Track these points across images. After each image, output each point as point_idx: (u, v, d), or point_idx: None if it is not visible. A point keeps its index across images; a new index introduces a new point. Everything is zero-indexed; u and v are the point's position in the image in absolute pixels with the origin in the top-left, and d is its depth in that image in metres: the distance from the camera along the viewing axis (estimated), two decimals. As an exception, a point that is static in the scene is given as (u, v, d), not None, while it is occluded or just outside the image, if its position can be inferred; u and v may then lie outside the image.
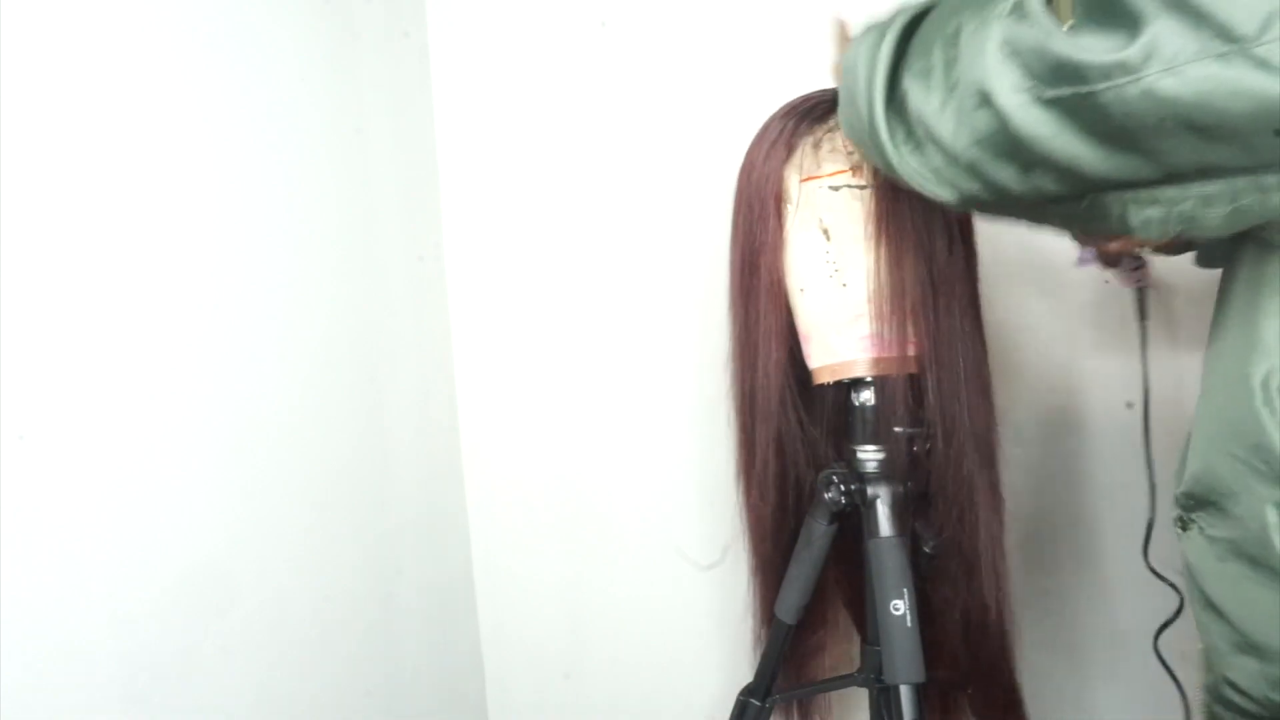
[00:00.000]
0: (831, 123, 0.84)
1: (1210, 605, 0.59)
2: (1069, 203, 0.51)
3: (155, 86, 0.73)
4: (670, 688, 1.29)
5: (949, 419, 0.83)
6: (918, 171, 0.56)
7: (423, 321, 1.20)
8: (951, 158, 0.52)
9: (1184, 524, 0.60)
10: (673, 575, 1.25)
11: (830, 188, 0.82)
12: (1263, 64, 0.40)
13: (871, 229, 0.81)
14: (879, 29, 0.58)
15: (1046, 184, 0.50)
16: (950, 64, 0.51)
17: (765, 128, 0.87)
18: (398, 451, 1.11)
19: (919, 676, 0.79)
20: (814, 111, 0.86)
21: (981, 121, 0.49)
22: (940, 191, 0.55)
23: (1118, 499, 1.19)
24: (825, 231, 0.82)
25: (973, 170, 0.52)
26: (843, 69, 0.62)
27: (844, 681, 0.97)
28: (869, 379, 0.84)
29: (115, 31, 0.69)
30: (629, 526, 1.26)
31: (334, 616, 0.96)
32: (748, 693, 0.99)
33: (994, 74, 0.48)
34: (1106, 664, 1.25)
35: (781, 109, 0.88)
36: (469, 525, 1.28)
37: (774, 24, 1.15)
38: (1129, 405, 1.17)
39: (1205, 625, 0.60)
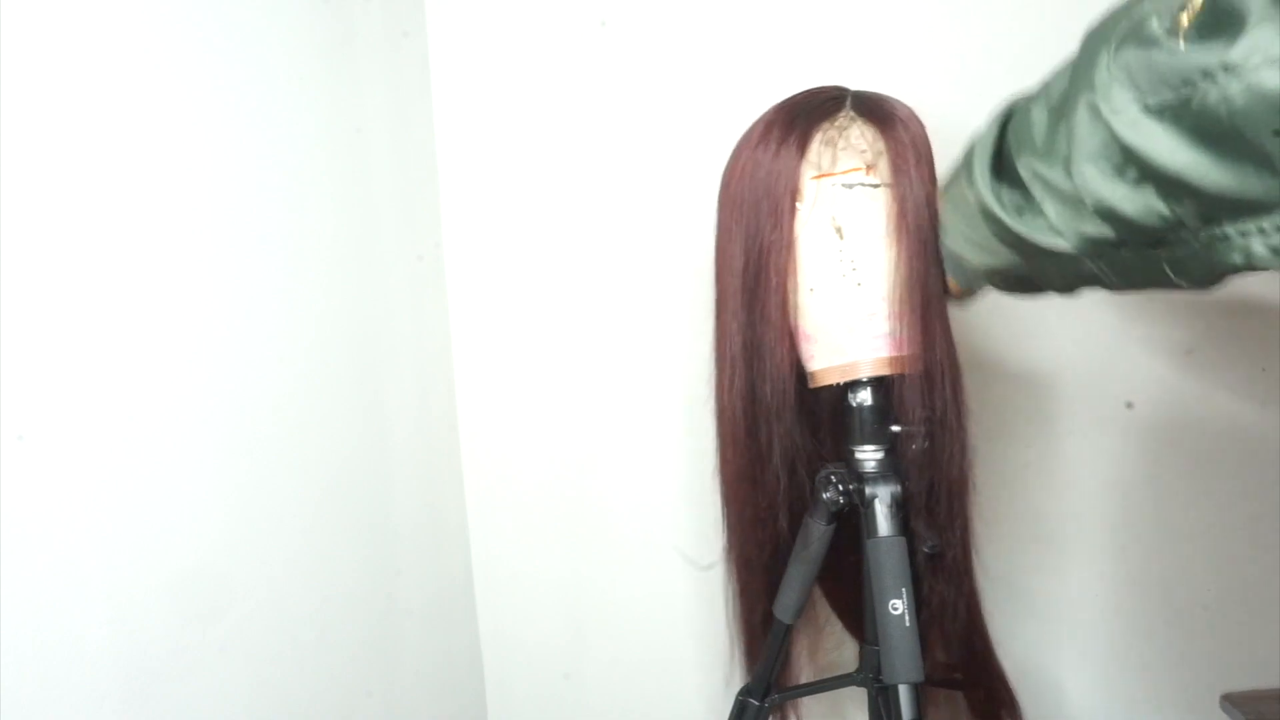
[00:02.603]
0: (841, 119, 0.84)
1: None
2: (1183, 239, 0.50)
3: (154, 86, 0.73)
4: (670, 688, 1.29)
5: (955, 416, 0.84)
6: (1032, 229, 0.57)
7: (422, 321, 1.20)
8: (1065, 195, 0.53)
9: None
10: (673, 575, 1.25)
11: (844, 185, 0.81)
12: None
13: (891, 227, 0.81)
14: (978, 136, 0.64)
15: (1159, 205, 0.49)
16: (1060, 107, 0.53)
17: (768, 125, 0.85)
18: (397, 451, 1.11)
19: (918, 676, 0.79)
20: (823, 108, 0.84)
21: (1092, 136, 0.50)
22: (1059, 241, 0.56)
23: (1109, 496, 1.20)
24: (839, 230, 0.81)
25: (1085, 199, 0.52)
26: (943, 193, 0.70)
27: (843, 681, 0.97)
28: (865, 379, 0.84)
29: (115, 31, 0.69)
30: (629, 527, 1.26)
31: (334, 617, 0.96)
32: (746, 692, 0.99)
33: (1101, 91, 0.49)
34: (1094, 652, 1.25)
35: (783, 106, 0.86)
36: (469, 525, 1.29)
37: (774, 24, 1.15)
38: (1129, 405, 1.17)
39: None
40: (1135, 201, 0.49)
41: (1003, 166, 0.60)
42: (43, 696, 0.61)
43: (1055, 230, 0.56)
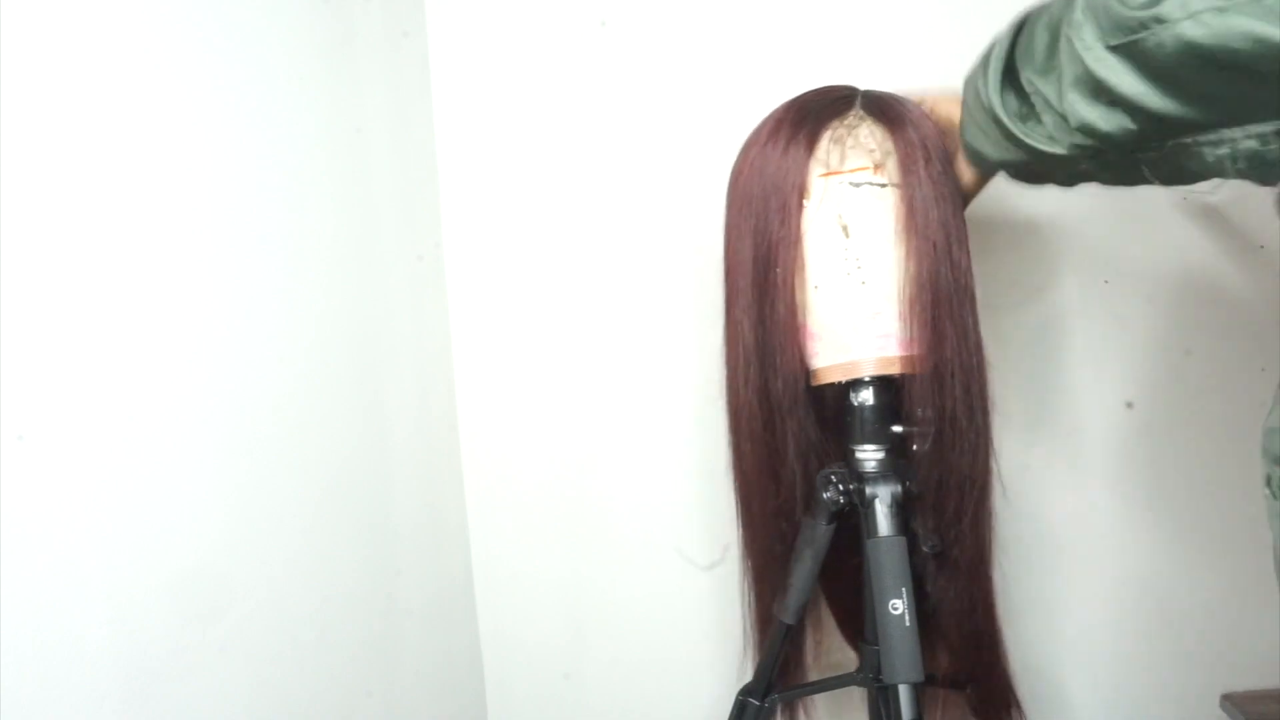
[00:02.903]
0: (850, 118, 0.84)
1: None
2: (1154, 147, 0.60)
3: (154, 86, 0.73)
4: (670, 688, 1.29)
5: (965, 416, 0.83)
6: (1032, 136, 0.66)
7: (422, 321, 1.20)
8: (1060, 114, 0.62)
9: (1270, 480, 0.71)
10: (673, 575, 1.25)
11: (851, 184, 0.81)
12: (1256, 11, 0.48)
13: (899, 227, 0.81)
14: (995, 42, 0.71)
15: (1127, 123, 0.58)
16: (1054, 30, 0.62)
17: (778, 122, 0.85)
18: (397, 451, 1.11)
19: (917, 676, 0.79)
20: (833, 106, 0.84)
21: (1072, 66, 0.59)
22: (1056, 148, 0.65)
23: (1109, 496, 1.19)
24: (844, 228, 0.81)
25: (1073, 117, 0.61)
26: (965, 86, 0.76)
27: (843, 681, 0.97)
28: (868, 378, 0.84)
29: (115, 31, 0.69)
30: (629, 526, 1.26)
31: (334, 617, 0.96)
32: (747, 692, 0.99)
33: (1077, 29, 0.58)
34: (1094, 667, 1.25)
35: (794, 103, 0.86)
36: (469, 525, 1.29)
37: (774, 23, 1.15)
38: (1129, 405, 1.17)
39: None
40: (1109, 120, 0.59)
41: (1012, 75, 0.68)
42: (43, 696, 0.61)
43: (1051, 138, 0.65)
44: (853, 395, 0.86)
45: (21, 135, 0.61)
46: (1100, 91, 0.58)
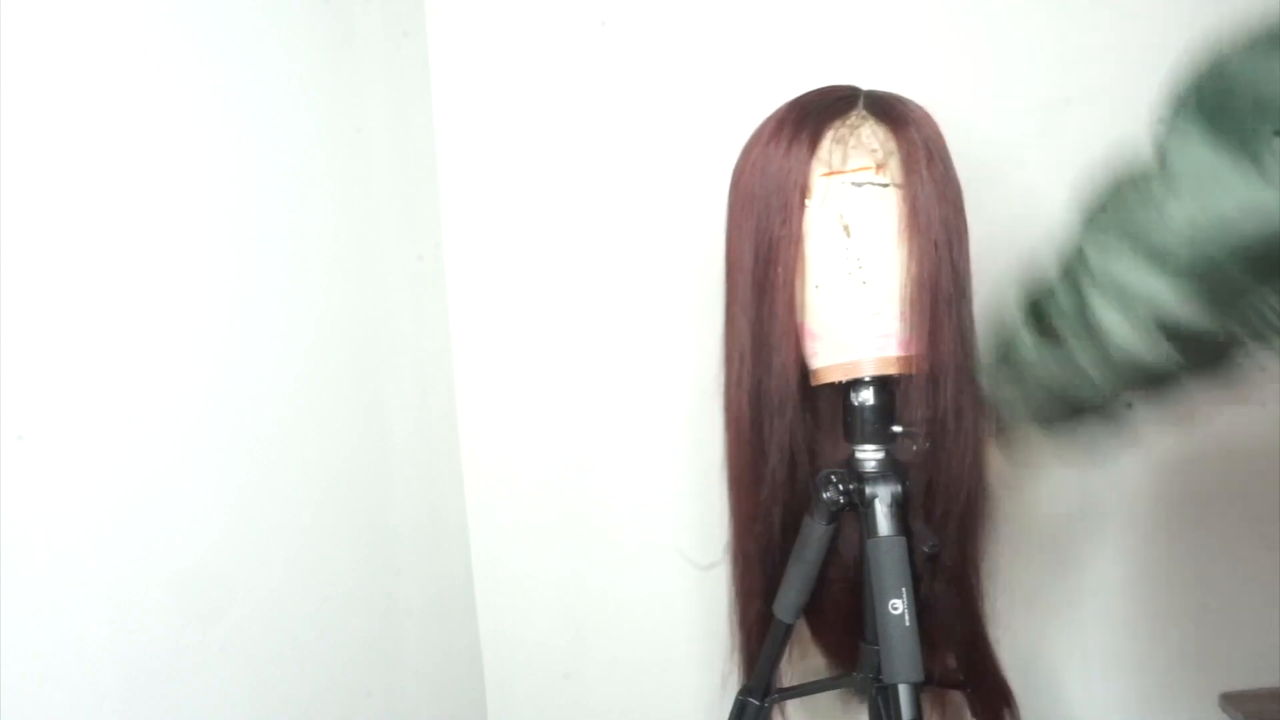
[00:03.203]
0: (852, 118, 0.84)
1: None
2: (1190, 357, 0.60)
3: (154, 86, 0.73)
4: (670, 688, 1.29)
5: (960, 417, 0.83)
6: (1062, 366, 0.66)
7: (422, 321, 1.20)
8: (1095, 348, 0.62)
9: None
10: (673, 575, 1.25)
11: (853, 184, 0.81)
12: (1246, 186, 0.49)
13: (901, 227, 0.80)
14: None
15: (1163, 343, 0.58)
16: (1073, 270, 0.62)
17: (780, 122, 0.85)
18: (397, 451, 1.11)
19: (917, 676, 0.79)
20: (835, 106, 0.84)
21: (1103, 286, 0.60)
22: (1093, 377, 0.64)
23: (1108, 497, 1.19)
24: (846, 228, 0.81)
25: (1110, 349, 0.60)
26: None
27: (843, 681, 0.97)
28: (867, 378, 0.84)
29: (115, 31, 0.69)
30: (629, 526, 1.26)
31: (333, 617, 0.96)
32: (747, 692, 0.99)
33: (1102, 248, 0.59)
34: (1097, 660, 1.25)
35: (796, 103, 0.86)
36: (469, 525, 1.29)
37: (774, 23, 1.15)
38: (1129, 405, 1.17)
39: None
40: (1133, 335, 0.59)
41: (1036, 320, 0.68)
42: (43, 696, 0.61)
43: (1083, 372, 0.64)
44: (852, 395, 0.86)
45: (22, 135, 0.61)
46: (1131, 305, 0.58)
